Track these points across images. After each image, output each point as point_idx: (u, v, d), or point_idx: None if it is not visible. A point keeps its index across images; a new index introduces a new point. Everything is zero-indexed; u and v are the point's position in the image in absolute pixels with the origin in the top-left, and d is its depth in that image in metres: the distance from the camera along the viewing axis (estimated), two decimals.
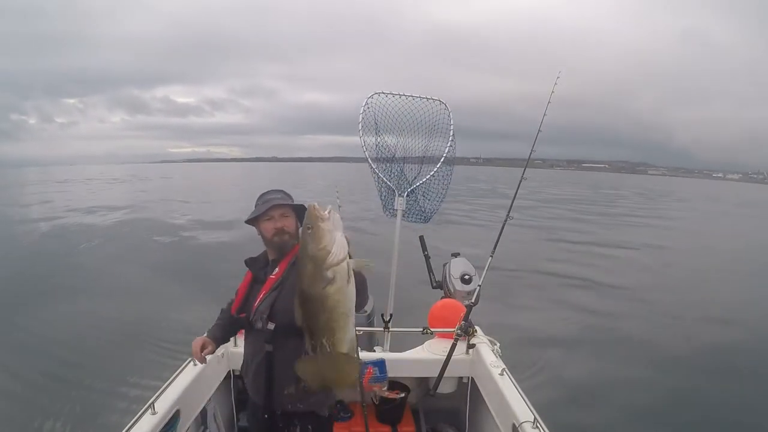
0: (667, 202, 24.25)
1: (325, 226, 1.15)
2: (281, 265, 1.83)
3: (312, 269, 1.15)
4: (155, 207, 20.81)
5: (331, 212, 1.20)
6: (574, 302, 7.98)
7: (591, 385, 5.01)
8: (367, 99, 2.89)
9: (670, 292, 9.04)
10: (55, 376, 4.60)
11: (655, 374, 5.34)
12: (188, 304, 6.55)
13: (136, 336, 5.58)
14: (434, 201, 3.08)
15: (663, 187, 61.89)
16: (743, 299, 8.69)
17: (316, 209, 1.19)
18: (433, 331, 2.80)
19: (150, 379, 4.37)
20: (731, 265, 11.93)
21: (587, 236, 15.16)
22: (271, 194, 1.88)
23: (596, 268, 10.68)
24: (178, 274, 8.71)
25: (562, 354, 5.77)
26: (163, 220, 16.20)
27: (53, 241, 12.31)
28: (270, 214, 1.79)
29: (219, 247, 11.71)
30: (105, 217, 17.12)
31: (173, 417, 1.93)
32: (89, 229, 14.38)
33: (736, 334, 6.74)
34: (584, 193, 40.40)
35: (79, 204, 22.27)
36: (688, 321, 7.32)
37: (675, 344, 6.28)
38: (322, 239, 1.14)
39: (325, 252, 1.13)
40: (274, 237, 1.79)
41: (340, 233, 1.20)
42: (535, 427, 1.87)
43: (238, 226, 13.17)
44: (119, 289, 7.72)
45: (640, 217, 21.88)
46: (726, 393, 4.89)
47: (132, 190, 26.47)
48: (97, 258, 10.27)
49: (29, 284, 7.95)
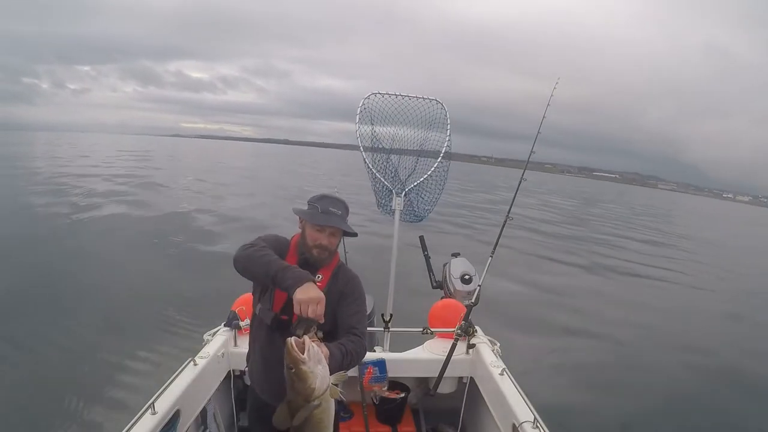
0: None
1: (306, 368, 1.21)
2: (324, 272, 1.79)
3: (300, 401, 1.23)
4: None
5: (309, 349, 1.24)
6: (576, 302, 7.99)
7: (591, 385, 5.02)
8: (364, 100, 2.89)
9: (673, 298, 9.06)
10: (55, 376, 4.59)
11: (655, 374, 5.35)
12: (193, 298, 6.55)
13: (136, 333, 5.58)
14: (429, 201, 3.07)
15: (670, 205, 59.70)
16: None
17: (293, 351, 1.22)
18: (433, 331, 2.80)
19: (150, 379, 4.38)
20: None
21: (587, 237, 15.17)
22: (334, 206, 1.76)
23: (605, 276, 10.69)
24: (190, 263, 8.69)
25: (562, 354, 5.78)
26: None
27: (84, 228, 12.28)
28: (323, 227, 1.74)
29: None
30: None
31: (173, 417, 1.93)
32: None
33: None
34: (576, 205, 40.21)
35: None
36: (687, 325, 7.34)
37: (675, 346, 6.30)
38: (306, 380, 1.21)
39: (310, 390, 1.21)
40: (314, 249, 1.75)
41: (321, 366, 1.26)
42: (535, 427, 1.87)
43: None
44: (122, 282, 7.72)
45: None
46: (725, 401, 4.89)
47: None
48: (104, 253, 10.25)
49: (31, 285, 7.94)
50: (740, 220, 50.20)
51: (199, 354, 2.35)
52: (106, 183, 20.40)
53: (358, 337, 1.73)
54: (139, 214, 13.98)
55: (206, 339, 2.55)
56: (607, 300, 8.52)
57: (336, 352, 1.55)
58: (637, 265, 12.28)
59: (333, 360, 1.48)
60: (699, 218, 43.61)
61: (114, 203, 15.41)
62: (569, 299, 8.16)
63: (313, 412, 1.23)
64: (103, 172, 24.77)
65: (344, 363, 1.59)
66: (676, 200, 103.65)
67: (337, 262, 1.86)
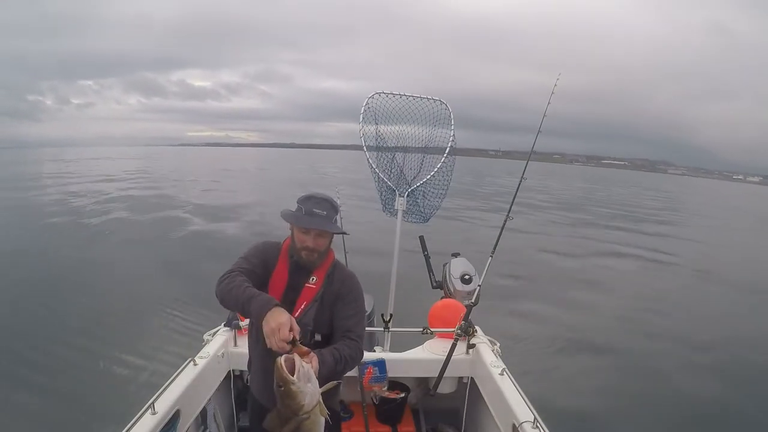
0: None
1: (295, 387, 1.23)
2: (318, 274, 1.76)
3: (290, 415, 1.26)
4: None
5: (299, 369, 1.25)
6: (576, 303, 7.99)
7: (591, 385, 5.02)
8: (368, 99, 2.89)
9: (676, 294, 9.06)
10: (56, 376, 4.59)
11: (655, 375, 5.34)
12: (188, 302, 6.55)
13: (136, 333, 5.58)
14: (434, 202, 3.08)
15: (678, 191, 58.70)
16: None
17: (282, 371, 1.24)
18: (433, 331, 2.79)
19: (150, 379, 4.38)
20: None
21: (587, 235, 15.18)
22: (319, 206, 1.70)
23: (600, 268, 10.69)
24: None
25: (562, 354, 5.78)
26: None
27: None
28: (307, 228, 1.70)
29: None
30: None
31: (173, 417, 1.93)
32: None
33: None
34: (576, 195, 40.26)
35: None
36: (687, 324, 7.34)
37: (675, 346, 6.29)
38: (295, 398, 1.24)
39: (299, 407, 1.24)
40: (302, 252, 1.71)
41: (310, 383, 1.28)
42: (535, 427, 1.87)
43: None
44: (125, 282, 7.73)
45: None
46: (735, 397, 4.88)
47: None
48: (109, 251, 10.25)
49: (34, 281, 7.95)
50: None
51: (199, 354, 2.35)
52: (114, 186, 20.52)
53: (354, 341, 1.69)
54: (146, 217, 14.12)
55: (206, 339, 2.55)
56: (607, 299, 8.51)
57: (329, 358, 1.52)
58: (637, 252, 12.30)
59: (325, 367, 1.47)
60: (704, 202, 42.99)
61: (120, 207, 15.59)
62: (570, 298, 8.16)
63: (303, 423, 1.26)
64: (114, 181, 24.99)
65: (338, 369, 1.57)
66: (685, 184, 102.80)
67: (331, 262, 1.81)
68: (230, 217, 15.01)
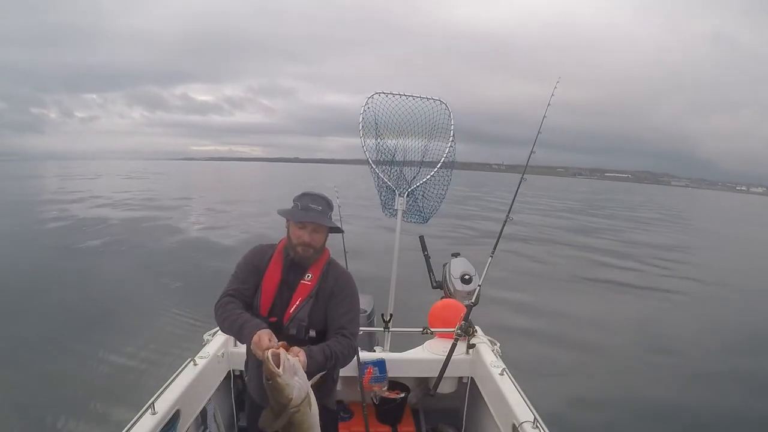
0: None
1: (282, 380, 1.26)
2: (313, 271, 1.78)
3: (280, 409, 1.28)
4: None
5: (284, 362, 1.28)
6: (576, 303, 7.99)
7: (592, 385, 5.02)
8: (368, 99, 2.90)
9: (681, 294, 9.06)
10: (55, 376, 4.59)
11: (656, 375, 5.34)
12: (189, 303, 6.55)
13: (136, 334, 5.58)
14: (434, 201, 3.08)
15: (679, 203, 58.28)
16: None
17: (269, 364, 1.27)
18: (433, 331, 2.80)
19: (150, 379, 4.38)
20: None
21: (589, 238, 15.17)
22: (314, 202, 1.75)
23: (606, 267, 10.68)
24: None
25: (563, 354, 5.77)
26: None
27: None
28: (304, 223, 1.73)
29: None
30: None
31: (173, 417, 1.93)
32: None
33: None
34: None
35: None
36: (687, 323, 7.33)
37: (677, 348, 6.29)
38: (282, 391, 1.26)
39: (287, 400, 1.26)
40: (299, 247, 1.73)
41: (297, 377, 1.30)
42: (535, 427, 1.87)
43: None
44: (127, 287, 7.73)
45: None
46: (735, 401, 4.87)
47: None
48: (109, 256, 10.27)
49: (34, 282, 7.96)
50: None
51: (199, 354, 2.36)
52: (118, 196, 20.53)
53: (347, 338, 1.70)
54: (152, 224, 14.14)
55: (206, 339, 2.55)
56: (607, 300, 8.52)
57: (318, 355, 1.54)
58: (638, 267, 12.29)
59: (314, 363, 1.48)
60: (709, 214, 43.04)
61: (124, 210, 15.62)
62: (570, 298, 8.16)
63: (294, 416, 1.28)
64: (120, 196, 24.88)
65: (327, 365, 1.58)
66: (685, 196, 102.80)
67: (326, 259, 1.84)
68: (231, 225, 15.08)
